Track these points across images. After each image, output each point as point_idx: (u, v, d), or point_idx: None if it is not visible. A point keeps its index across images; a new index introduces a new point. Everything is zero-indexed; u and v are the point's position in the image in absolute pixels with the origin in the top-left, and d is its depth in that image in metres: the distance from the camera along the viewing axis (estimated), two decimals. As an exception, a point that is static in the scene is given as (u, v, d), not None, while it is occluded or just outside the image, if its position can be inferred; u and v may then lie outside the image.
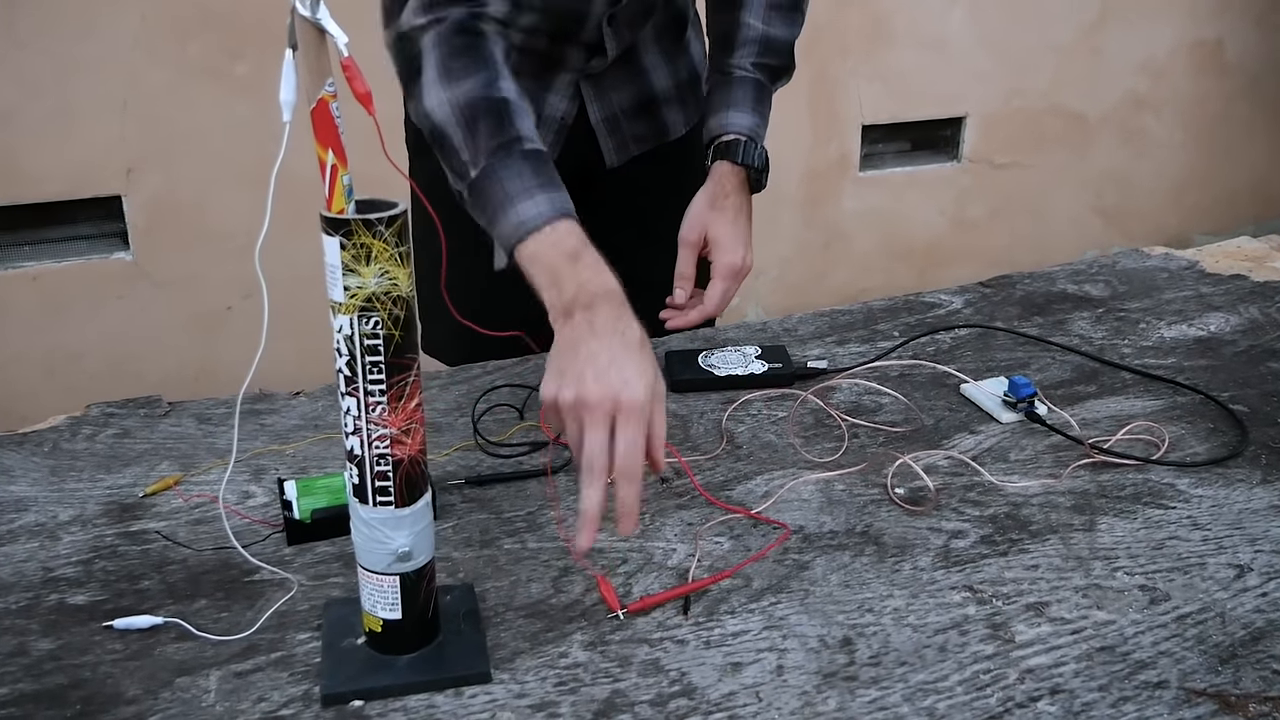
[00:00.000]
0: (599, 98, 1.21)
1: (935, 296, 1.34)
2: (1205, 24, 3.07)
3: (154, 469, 1.00)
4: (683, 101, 1.28)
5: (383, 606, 0.73)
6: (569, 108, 1.20)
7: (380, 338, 0.67)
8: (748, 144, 1.13)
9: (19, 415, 1.44)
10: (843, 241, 2.91)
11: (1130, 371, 1.14)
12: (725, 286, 1.12)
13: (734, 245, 1.12)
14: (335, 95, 0.64)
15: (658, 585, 0.83)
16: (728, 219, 1.13)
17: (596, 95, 1.21)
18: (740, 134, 1.13)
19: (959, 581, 0.83)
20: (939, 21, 2.78)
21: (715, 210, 1.14)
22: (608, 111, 1.22)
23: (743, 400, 1.10)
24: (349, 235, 0.65)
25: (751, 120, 1.14)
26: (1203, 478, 0.95)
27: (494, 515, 0.92)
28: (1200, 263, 1.42)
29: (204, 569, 0.86)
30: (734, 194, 1.14)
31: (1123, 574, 0.83)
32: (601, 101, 1.21)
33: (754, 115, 1.15)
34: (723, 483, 0.96)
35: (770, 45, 1.16)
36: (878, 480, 0.96)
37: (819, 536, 0.88)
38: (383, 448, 0.69)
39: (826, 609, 0.80)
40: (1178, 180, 3.21)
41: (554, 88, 1.19)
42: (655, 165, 1.18)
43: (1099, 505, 0.92)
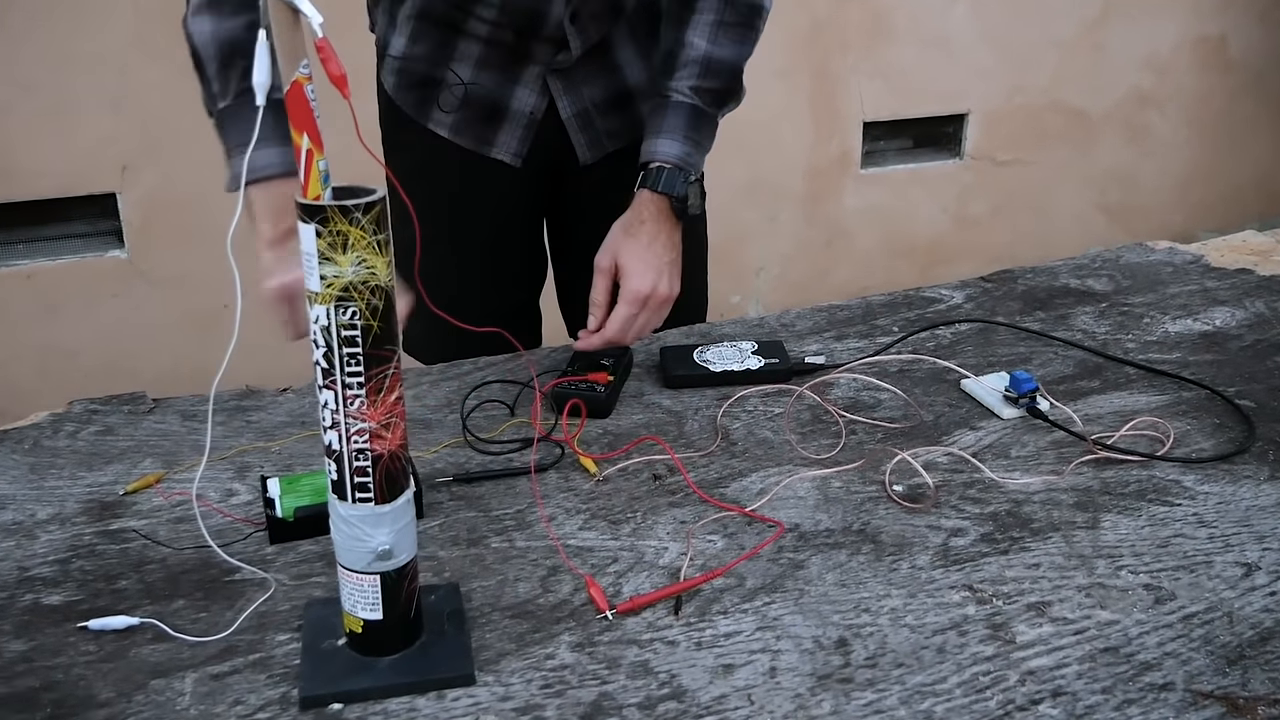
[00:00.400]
0: (569, 92, 1.19)
1: (936, 291, 1.32)
2: (1209, 20, 3.04)
3: (136, 466, 0.98)
4: None
5: (363, 606, 0.71)
6: (538, 102, 1.18)
7: (358, 328, 0.65)
8: (670, 172, 1.10)
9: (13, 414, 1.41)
10: (844, 239, 2.88)
11: (1134, 366, 1.12)
12: (628, 312, 1.08)
13: (642, 271, 1.08)
14: (310, 78, 0.62)
15: (649, 585, 0.80)
16: (640, 245, 1.10)
17: (566, 90, 1.19)
18: (665, 162, 1.10)
19: (958, 581, 0.80)
20: (940, 18, 2.76)
21: (628, 237, 1.10)
22: (579, 106, 1.20)
23: (738, 396, 1.08)
24: (325, 222, 0.63)
25: (681, 149, 1.11)
26: (1209, 474, 0.93)
27: (482, 513, 0.90)
28: (1205, 257, 1.40)
29: (183, 568, 0.84)
30: (650, 221, 1.10)
31: (1127, 573, 0.81)
32: (572, 96, 1.19)
33: (685, 143, 1.11)
34: (717, 480, 0.94)
35: (713, 67, 1.12)
36: (876, 477, 0.94)
37: (815, 535, 0.86)
38: (361, 442, 0.67)
39: (822, 609, 0.78)
40: (1182, 177, 3.19)
41: (521, 81, 1.17)
42: (631, 161, 1.16)
43: (1102, 502, 0.89)
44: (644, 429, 1.03)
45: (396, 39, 1.19)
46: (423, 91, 1.20)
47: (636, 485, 0.94)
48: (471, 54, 1.15)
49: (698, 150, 1.12)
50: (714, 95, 1.13)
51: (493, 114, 1.19)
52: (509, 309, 1.30)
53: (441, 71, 1.17)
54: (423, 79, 1.19)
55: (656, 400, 1.08)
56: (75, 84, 2.17)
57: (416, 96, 1.20)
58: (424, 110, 1.20)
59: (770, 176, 2.74)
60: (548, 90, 1.18)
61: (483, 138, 1.20)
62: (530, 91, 1.18)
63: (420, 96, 1.20)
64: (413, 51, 1.18)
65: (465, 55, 1.16)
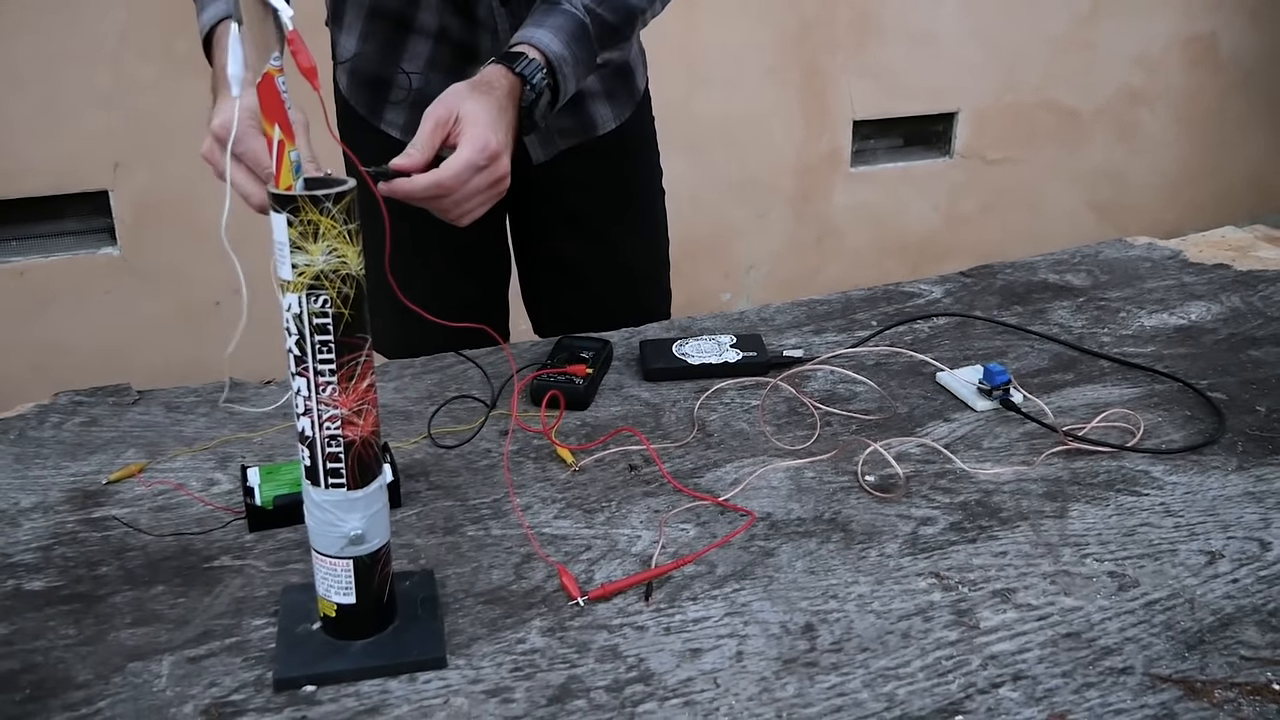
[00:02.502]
0: None
1: (915, 286, 1.33)
2: (1199, 18, 3.05)
3: (120, 456, 0.99)
4: (610, 95, 1.27)
5: (336, 591, 0.72)
6: None
7: (329, 316, 0.66)
8: (535, 64, 1.01)
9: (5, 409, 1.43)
10: (834, 237, 2.90)
11: (1108, 359, 1.13)
12: (470, 159, 0.94)
13: (491, 123, 0.95)
14: (281, 69, 0.63)
15: (621, 572, 0.82)
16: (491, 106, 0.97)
17: None
18: (539, 53, 1.02)
19: (925, 568, 0.81)
20: (929, 16, 2.77)
21: (476, 93, 0.97)
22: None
23: (716, 389, 1.09)
24: (296, 212, 0.64)
25: (560, 49, 1.02)
26: (1178, 465, 0.94)
27: (459, 502, 0.91)
28: (1184, 252, 1.41)
29: (163, 555, 0.85)
30: (500, 93, 0.99)
31: (1092, 560, 0.82)
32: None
33: (564, 47, 1.03)
34: (692, 470, 0.95)
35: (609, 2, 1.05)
36: (848, 468, 0.95)
37: (786, 524, 0.87)
38: (333, 429, 0.68)
39: (790, 595, 0.79)
40: (1172, 175, 3.20)
41: None
42: (586, 160, 1.16)
43: (1071, 492, 0.91)
44: (621, 421, 1.04)
45: (347, 39, 1.20)
46: (373, 92, 1.21)
47: (612, 475, 0.95)
48: (421, 53, 1.16)
49: (575, 64, 1.04)
50: (603, 26, 1.06)
51: None
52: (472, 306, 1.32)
53: (391, 71, 1.18)
54: (373, 79, 1.20)
55: (635, 393, 1.10)
56: (67, 81, 2.18)
57: (368, 96, 1.22)
58: (376, 111, 1.22)
59: (760, 174, 2.76)
60: None
61: None
62: None
63: (371, 96, 1.21)
64: (363, 50, 1.19)
65: (415, 54, 1.17)
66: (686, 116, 2.59)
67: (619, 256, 1.32)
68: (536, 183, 1.27)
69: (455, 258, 1.30)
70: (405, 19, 1.15)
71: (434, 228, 1.28)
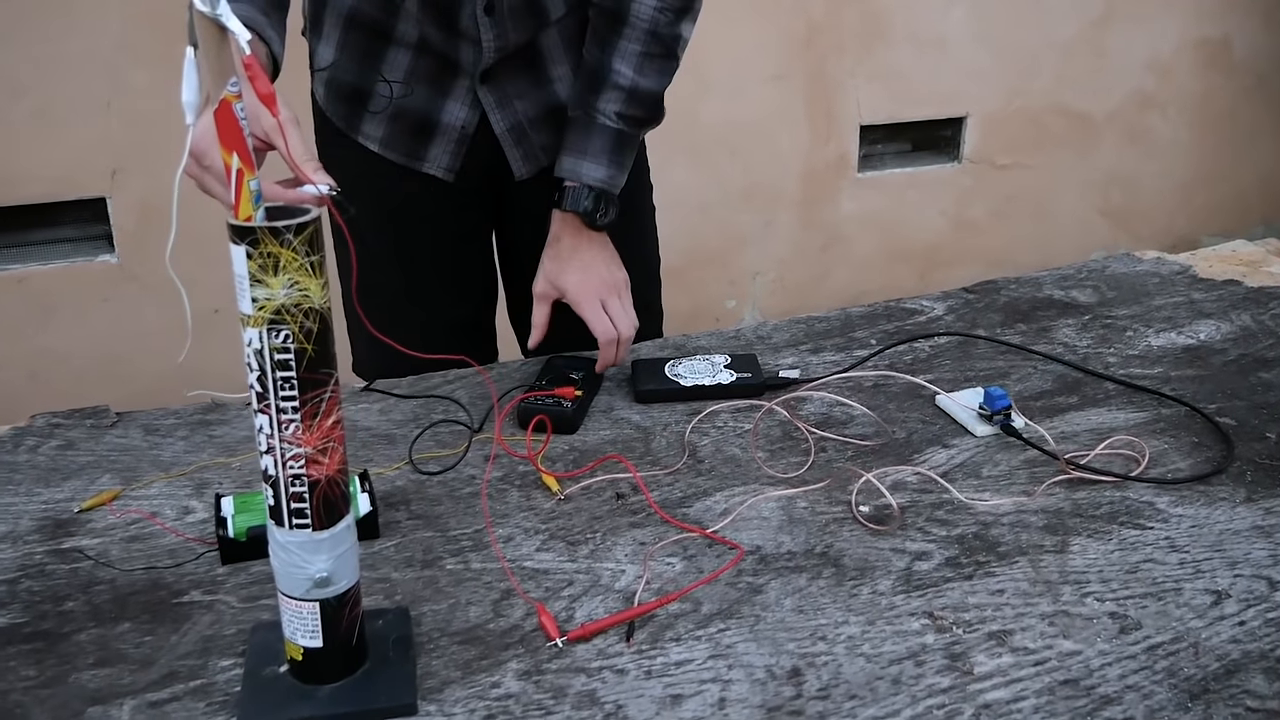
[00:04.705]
0: (501, 106, 1.17)
1: (917, 303, 1.30)
2: (1211, 22, 3.00)
3: (95, 482, 0.97)
4: None
5: (303, 634, 0.70)
6: (469, 116, 1.17)
7: (291, 352, 0.63)
8: (577, 190, 1.11)
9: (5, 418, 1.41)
10: (841, 243, 2.86)
11: (1114, 382, 1.10)
12: (590, 313, 1.11)
13: (592, 304, 1.11)
14: (239, 95, 0.60)
15: (602, 609, 0.79)
16: (574, 268, 1.12)
17: (499, 104, 1.17)
18: (589, 184, 1.11)
19: (919, 607, 0.78)
20: (938, 20, 2.73)
21: (557, 262, 1.13)
22: (512, 121, 1.18)
23: (708, 411, 1.06)
24: (255, 244, 0.61)
25: (606, 172, 1.12)
26: (1184, 495, 0.91)
27: (439, 533, 0.89)
28: (1193, 268, 1.37)
29: (132, 590, 0.82)
30: (567, 238, 1.13)
31: (1093, 600, 0.79)
32: (504, 110, 1.17)
33: (609, 167, 1.12)
34: (681, 499, 0.92)
35: (638, 97, 1.12)
36: (842, 497, 0.92)
37: (776, 558, 0.84)
38: (297, 468, 0.66)
39: (777, 636, 0.76)
40: (1185, 180, 3.15)
41: (452, 94, 1.16)
42: None
43: (1072, 525, 0.87)
44: (611, 445, 1.01)
45: (325, 47, 1.17)
46: (351, 105, 1.18)
47: (598, 504, 0.92)
48: (400, 64, 1.14)
49: (620, 172, 1.14)
50: (637, 122, 1.13)
51: (423, 128, 1.17)
52: (460, 324, 1.29)
53: (369, 81, 1.16)
54: (352, 91, 1.17)
55: (626, 415, 1.07)
56: (64, 87, 2.16)
57: (346, 109, 1.19)
58: (354, 123, 1.19)
59: (766, 180, 2.72)
60: (480, 104, 1.16)
61: (413, 152, 1.19)
62: (461, 105, 1.16)
63: (349, 109, 1.19)
64: (340, 60, 1.16)
65: (394, 65, 1.14)
66: (691, 123, 2.56)
67: None
68: (519, 199, 1.25)
69: (443, 279, 1.27)
70: (384, 28, 1.12)
71: (420, 248, 1.26)
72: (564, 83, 1.19)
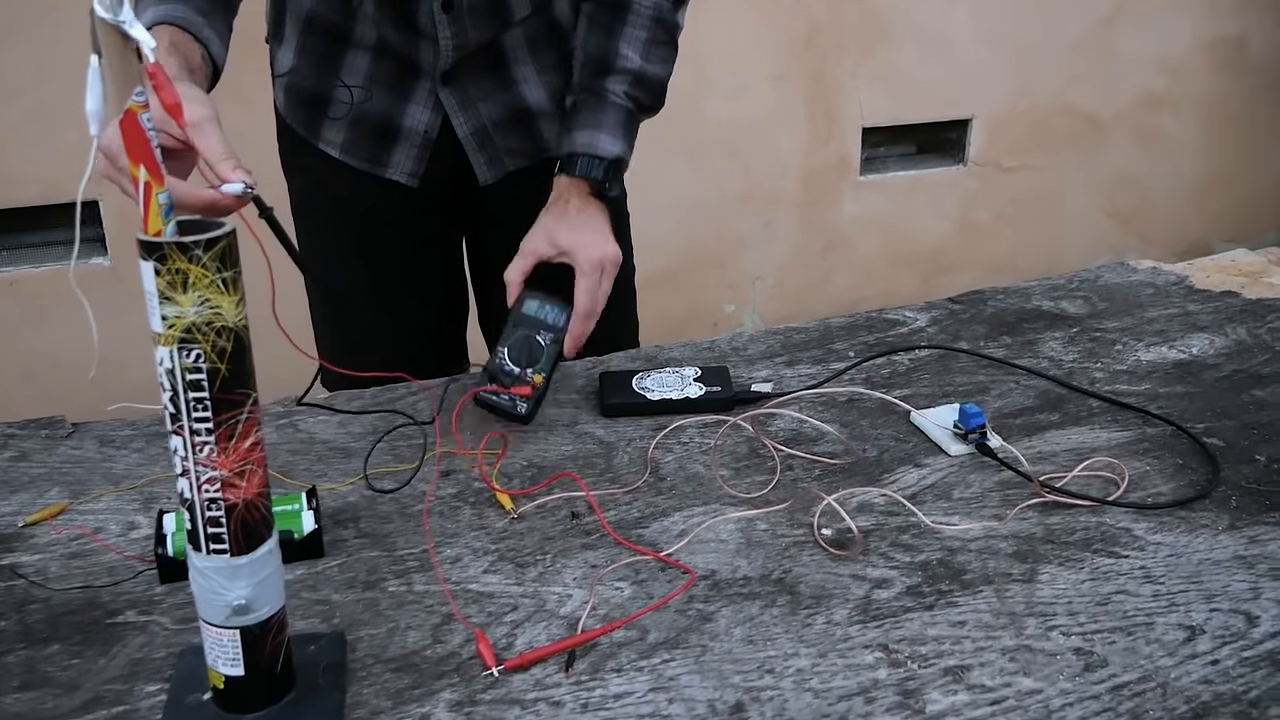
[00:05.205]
0: (464, 109, 1.14)
1: (899, 314, 1.26)
2: (1226, 20, 2.94)
3: (43, 495, 0.94)
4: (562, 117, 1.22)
5: (224, 662, 0.67)
6: (431, 119, 1.14)
7: (204, 372, 0.61)
8: (591, 161, 1.08)
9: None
10: (843, 247, 2.82)
11: (1098, 398, 1.06)
12: (589, 283, 1.04)
13: (588, 242, 1.05)
14: (146, 105, 0.58)
15: (545, 637, 0.76)
16: (571, 220, 1.07)
17: (462, 106, 1.14)
18: (601, 156, 1.09)
19: (875, 639, 0.75)
20: (942, 19, 2.68)
21: (558, 219, 1.07)
22: (475, 124, 1.15)
23: (675, 426, 1.03)
24: (163, 260, 0.58)
25: (620, 147, 1.10)
26: (1163, 521, 0.87)
27: (386, 553, 0.86)
28: (1190, 278, 1.33)
29: (66, 609, 0.80)
30: (576, 199, 1.08)
31: (1058, 634, 0.75)
32: (467, 113, 1.14)
33: (623, 142, 1.10)
34: (638, 519, 0.89)
35: (646, 82, 1.11)
36: (805, 519, 0.88)
37: (730, 583, 0.81)
38: (213, 491, 0.63)
39: (723, 668, 0.72)
40: (1197, 183, 3.09)
41: (413, 98, 1.13)
42: (537, 181, 1.12)
43: (1043, 552, 0.83)
44: (571, 461, 0.98)
45: (284, 52, 1.15)
46: (311, 110, 1.16)
47: (552, 524, 0.89)
48: (360, 68, 1.11)
49: (630, 150, 1.12)
50: (642, 106, 1.12)
51: (384, 133, 1.15)
52: (427, 331, 1.26)
53: (329, 87, 1.13)
54: (311, 96, 1.15)
55: (590, 429, 1.04)
56: (56, 90, 2.15)
57: (305, 115, 1.16)
58: (314, 130, 1.16)
59: (765, 182, 2.68)
60: (442, 107, 1.14)
61: (376, 158, 1.16)
62: (423, 109, 1.13)
63: (309, 115, 1.16)
64: (299, 65, 1.14)
65: (353, 69, 1.11)
66: (689, 123, 2.52)
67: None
68: (485, 206, 1.22)
69: (407, 286, 1.25)
70: (341, 32, 1.09)
71: (384, 255, 1.23)
72: (529, 84, 1.16)
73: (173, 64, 0.93)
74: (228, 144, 0.87)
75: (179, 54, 0.94)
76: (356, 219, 1.22)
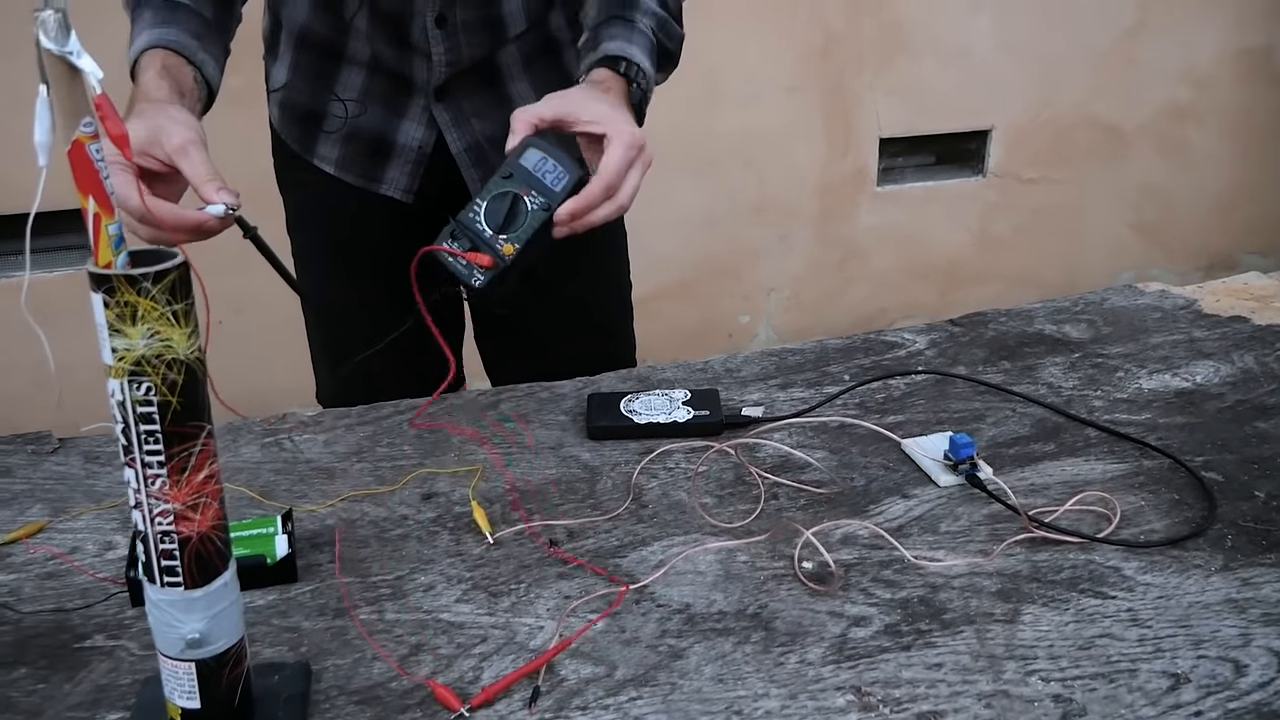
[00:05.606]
0: (458, 125, 1.13)
1: (898, 335, 1.24)
2: (1252, 30, 2.89)
3: (24, 513, 0.94)
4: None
5: (180, 694, 0.66)
6: (425, 136, 1.13)
7: (154, 404, 0.60)
8: (634, 65, 0.99)
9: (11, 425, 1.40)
10: (859, 259, 2.79)
11: (1096, 428, 1.03)
12: (624, 155, 0.89)
13: (626, 119, 0.92)
14: (95, 136, 0.57)
15: (513, 670, 0.74)
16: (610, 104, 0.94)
17: (455, 122, 1.13)
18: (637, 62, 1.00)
19: (847, 681, 0.73)
20: (962, 29, 2.65)
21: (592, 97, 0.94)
22: (469, 140, 1.14)
23: (661, 451, 1.01)
24: (112, 292, 0.58)
25: (649, 67, 1.00)
26: (1154, 561, 0.84)
27: (360, 579, 0.85)
28: (1199, 302, 1.30)
29: (36, 632, 0.79)
30: (615, 93, 0.97)
31: (1037, 679, 0.73)
32: (461, 129, 1.13)
33: (652, 67, 1.01)
34: (616, 548, 0.88)
35: (668, 29, 1.05)
36: (786, 551, 0.86)
37: (705, 618, 0.79)
38: (166, 524, 0.62)
39: (690, 709, 0.71)
40: (1223, 196, 3.03)
41: (407, 114, 1.12)
42: None
43: (1028, 591, 0.81)
44: (554, 485, 0.97)
45: (279, 68, 1.15)
46: (305, 126, 1.15)
47: (529, 551, 0.88)
48: (354, 84, 1.11)
49: (653, 82, 1.02)
50: (665, 51, 1.04)
51: (379, 149, 1.14)
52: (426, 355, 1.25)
53: (323, 102, 1.13)
54: (305, 112, 1.15)
55: (575, 453, 1.02)
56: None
57: (300, 131, 1.16)
58: (309, 145, 1.16)
59: (781, 193, 2.66)
60: (436, 124, 1.13)
61: (370, 174, 1.16)
62: (417, 125, 1.13)
63: (304, 131, 1.16)
64: (294, 81, 1.13)
65: (348, 85, 1.11)
66: (704, 134, 2.51)
67: (575, 310, 1.25)
68: None
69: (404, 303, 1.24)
70: (335, 48, 1.09)
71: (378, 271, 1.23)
72: (524, 101, 1.15)
73: (164, 88, 0.93)
74: (212, 166, 0.87)
75: (170, 78, 0.94)
76: (351, 234, 1.21)
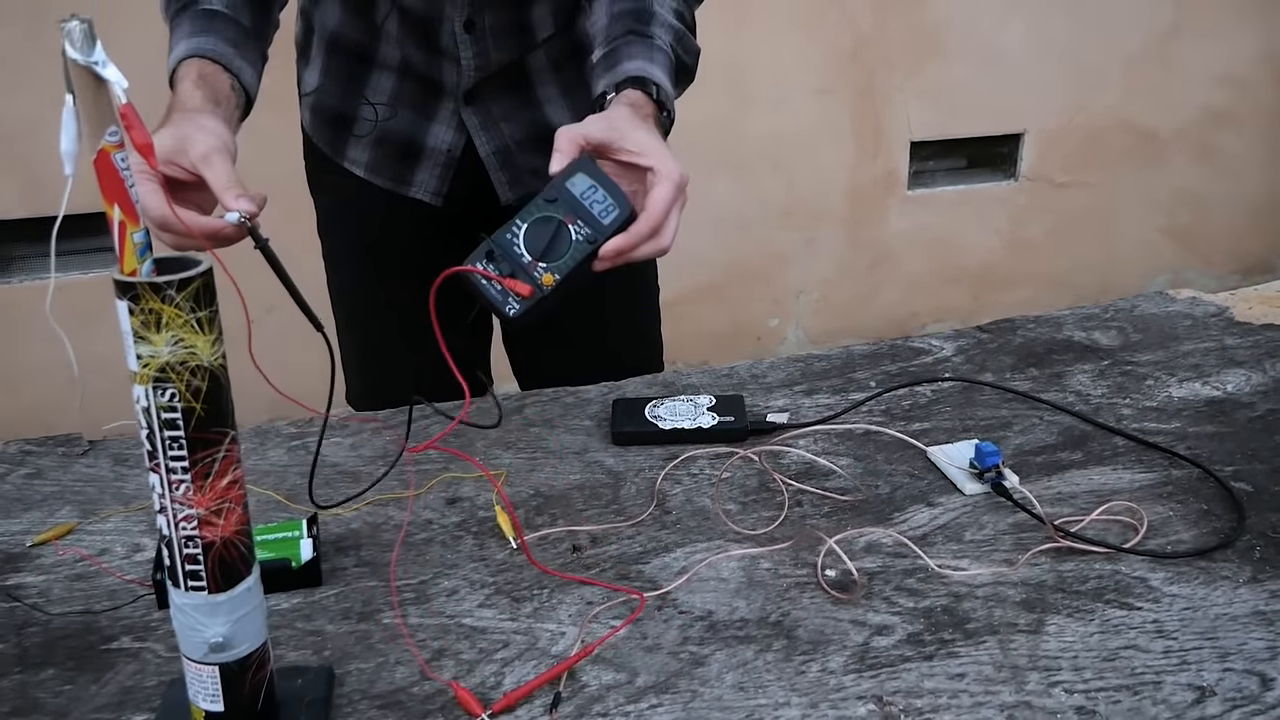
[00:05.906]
0: (486, 129, 1.13)
1: (925, 342, 1.23)
2: (1292, 34, 2.85)
3: (54, 515, 0.96)
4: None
5: (204, 697, 0.67)
6: (455, 139, 1.13)
7: (179, 411, 0.61)
8: (663, 89, 0.96)
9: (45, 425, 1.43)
10: (890, 262, 2.78)
11: (1124, 437, 1.02)
12: (669, 193, 0.86)
13: (669, 153, 0.89)
14: (120, 145, 0.58)
15: (534, 675, 0.75)
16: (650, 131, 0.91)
17: (484, 126, 1.13)
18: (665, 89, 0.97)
19: (869, 690, 0.72)
20: (995, 32, 2.63)
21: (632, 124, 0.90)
22: (498, 144, 1.15)
23: (686, 457, 1.01)
24: (137, 299, 0.58)
25: (670, 88, 0.98)
26: (1181, 572, 0.83)
27: (383, 583, 0.85)
28: (1230, 309, 1.28)
29: (64, 633, 0.81)
30: (651, 116, 0.94)
31: (1061, 690, 0.72)
32: (490, 133, 1.14)
33: (672, 85, 0.99)
34: (639, 554, 0.88)
35: (686, 43, 1.03)
36: (809, 559, 0.86)
37: (727, 625, 0.79)
38: (190, 529, 0.63)
39: (711, 716, 0.71)
40: (1259, 201, 2.99)
41: (437, 117, 1.13)
42: None
43: (1052, 601, 0.80)
44: (578, 491, 0.97)
45: (310, 72, 1.16)
46: (336, 129, 1.16)
47: (553, 556, 0.88)
48: (384, 87, 1.12)
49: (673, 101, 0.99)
50: (681, 68, 1.02)
51: (408, 152, 1.15)
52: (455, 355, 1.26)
53: (354, 106, 1.14)
54: (336, 115, 1.16)
55: (599, 458, 1.02)
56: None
57: (331, 134, 1.17)
58: (339, 149, 1.17)
59: (810, 196, 2.65)
60: (465, 127, 1.13)
61: (400, 177, 1.17)
62: (446, 129, 1.13)
63: (334, 134, 1.17)
64: (325, 85, 1.14)
65: (378, 89, 1.12)
66: (733, 137, 2.51)
67: (602, 312, 1.25)
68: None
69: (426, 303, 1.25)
70: (366, 52, 1.10)
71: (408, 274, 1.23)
72: (553, 105, 1.15)
73: (198, 97, 0.94)
74: (233, 174, 0.88)
75: (207, 86, 0.95)
76: (380, 236, 1.22)
